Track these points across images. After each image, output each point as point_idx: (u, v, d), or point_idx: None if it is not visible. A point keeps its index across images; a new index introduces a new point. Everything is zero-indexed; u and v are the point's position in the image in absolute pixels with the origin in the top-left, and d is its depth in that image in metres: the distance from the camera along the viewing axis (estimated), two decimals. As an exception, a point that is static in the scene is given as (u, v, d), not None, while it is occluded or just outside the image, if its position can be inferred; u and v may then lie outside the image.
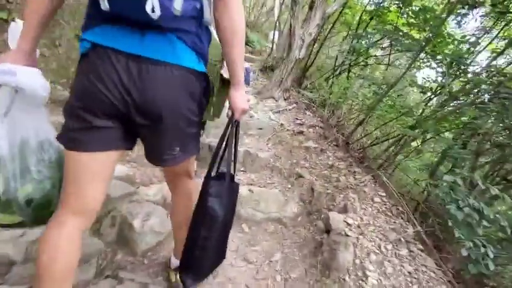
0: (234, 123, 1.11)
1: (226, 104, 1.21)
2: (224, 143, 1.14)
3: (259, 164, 3.00)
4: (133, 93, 0.86)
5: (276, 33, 10.09)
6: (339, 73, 5.55)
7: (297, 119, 3.80)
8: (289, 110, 4.25)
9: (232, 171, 1.18)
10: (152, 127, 0.92)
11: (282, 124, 3.66)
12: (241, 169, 2.98)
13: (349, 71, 5.41)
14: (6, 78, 0.88)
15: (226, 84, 1.77)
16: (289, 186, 2.67)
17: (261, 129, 3.61)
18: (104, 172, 0.96)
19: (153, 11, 0.78)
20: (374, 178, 2.36)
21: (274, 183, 2.72)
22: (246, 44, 9.34)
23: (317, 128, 3.47)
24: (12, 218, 1.00)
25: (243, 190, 2.41)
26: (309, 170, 2.78)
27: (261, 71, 6.16)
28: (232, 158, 1.17)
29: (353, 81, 4.64)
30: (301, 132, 3.41)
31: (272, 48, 6.88)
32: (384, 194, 2.20)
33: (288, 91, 4.63)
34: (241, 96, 1.08)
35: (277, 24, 7.85)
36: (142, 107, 0.88)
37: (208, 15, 0.92)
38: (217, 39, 1.01)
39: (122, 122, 0.92)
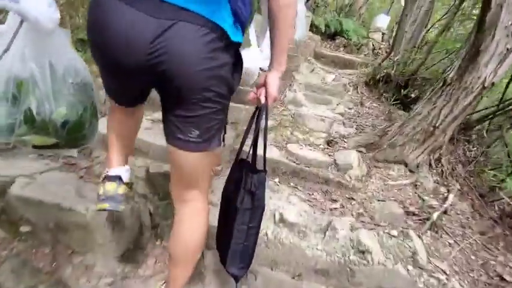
0: (264, 110, 1.01)
1: None
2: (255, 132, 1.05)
3: None
4: (145, 49, 0.74)
5: (386, 17, 7.22)
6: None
7: (499, 274, 1.32)
8: (451, 209, 1.77)
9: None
10: (169, 92, 0.83)
11: (446, 284, 1.26)
12: None
13: None
14: (6, 3, 0.88)
15: None
16: None
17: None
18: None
19: None
20: None
21: None
22: (338, 34, 6.79)
23: None
24: (44, 139, 1.06)
25: None
26: None
27: (367, 85, 3.65)
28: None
29: None
30: None
31: (393, 43, 4.17)
32: None
33: (439, 149, 2.11)
34: (277, 82, 0.99)
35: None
36: (157, 66, 0.76)
37: None
38: None
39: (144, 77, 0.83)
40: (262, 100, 0.99)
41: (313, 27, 6.42)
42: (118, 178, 1.12)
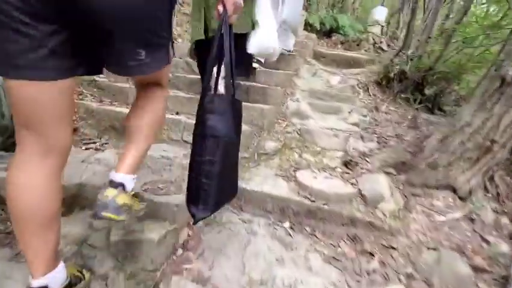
0: (226, 22, 0.94)
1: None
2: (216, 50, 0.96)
3: None
4: None
5: (383, 9, 6.78)
6: None
7: None
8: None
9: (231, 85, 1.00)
10: (106, 26, 0.71)
11: None
12: None
13: None
14: None
15: None
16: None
17: None
18: (63, 107, 0.77)
19: None
20: None
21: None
22: (334, 31, 6.36)
23: None
24: None
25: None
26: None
27: (379, 85, 3.17)
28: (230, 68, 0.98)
29: None
30: None
31: (406, 35, 3.70)
32: None
33: (496, 166, 1.62)
34: None
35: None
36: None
37: None
38: None
39: (67, 29, 0.69)
40: (221, 9, 0.93)
41: (307, 26, 5.98)
42: None
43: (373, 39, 5.92)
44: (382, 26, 6.61)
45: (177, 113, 2.32)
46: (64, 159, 0.83)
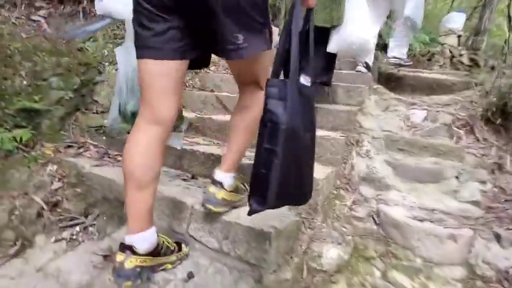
0: (298, 3, 0.89)
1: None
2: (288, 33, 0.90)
3: None
4: None
5: (460, 14, 5.59)
6: None
7: None
8: None
9: (307, 73, 0.95)
10: (207, 9, 0.84)
11: None
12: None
13: None
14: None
15: None
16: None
17: None
18: (174, 84, 0.95)
19: None
20: None
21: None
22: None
23: None
24: (129, 127, 1.23)
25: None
26: None
27: (489, 123, 2.11)
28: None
29: None
30: None
31: None
32: None
33: None
34: None
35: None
36: None
37: None
38: None
39: (179, 19, 0.88)
40: None
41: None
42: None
43: (450, 51, 4.78)
44: (459, 36, 5.42)
45: (193, 177, 1.55)
46: (166, 129, 0.98)
